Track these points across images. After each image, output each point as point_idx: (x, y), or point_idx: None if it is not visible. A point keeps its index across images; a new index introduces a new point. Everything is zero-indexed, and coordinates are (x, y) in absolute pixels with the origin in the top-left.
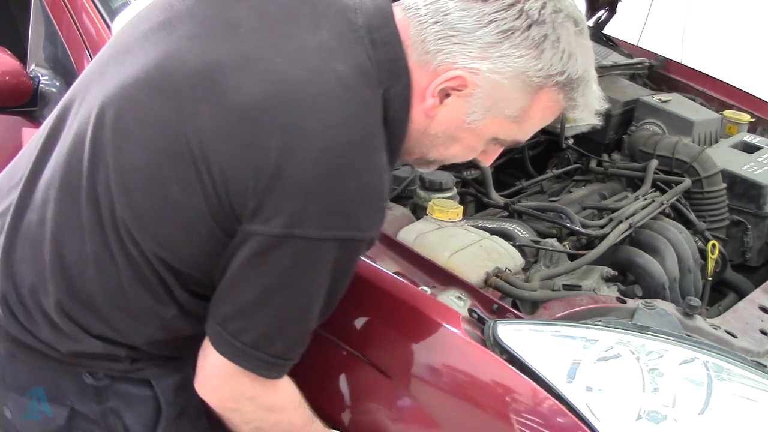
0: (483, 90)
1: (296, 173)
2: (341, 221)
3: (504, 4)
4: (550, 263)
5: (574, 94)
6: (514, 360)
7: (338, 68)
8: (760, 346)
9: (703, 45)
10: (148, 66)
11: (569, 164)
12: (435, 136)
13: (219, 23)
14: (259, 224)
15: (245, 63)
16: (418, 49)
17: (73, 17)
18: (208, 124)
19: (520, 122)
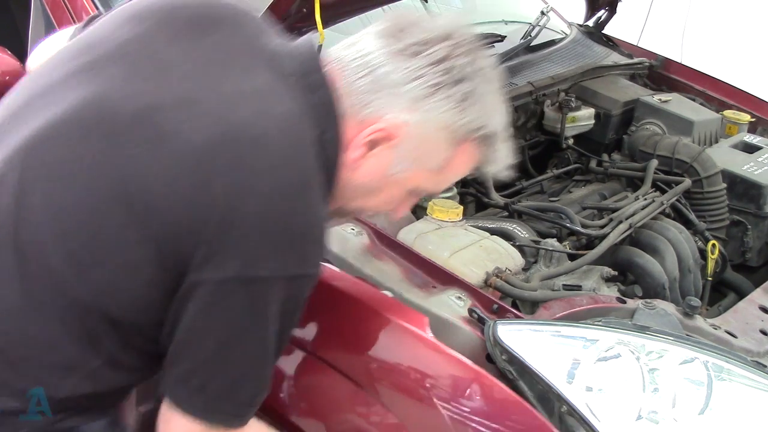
0: (410, 142)
1: (247, 215)
2: (293, 259)
3: (433, 60)
4: (550, 263)
5: (491, 148)
6: (513, 360)
7: (277, 109)
8: (760, 346)
9: (703, 45)
10: (77, 106)
11: (569, 164)
12: (358, 187)
13: (151, 65)
14: (212, 271)
15: (184, 105)
16: (347, 100)
17: (73, 17)
18: (150, 168)
19: (440, 174)
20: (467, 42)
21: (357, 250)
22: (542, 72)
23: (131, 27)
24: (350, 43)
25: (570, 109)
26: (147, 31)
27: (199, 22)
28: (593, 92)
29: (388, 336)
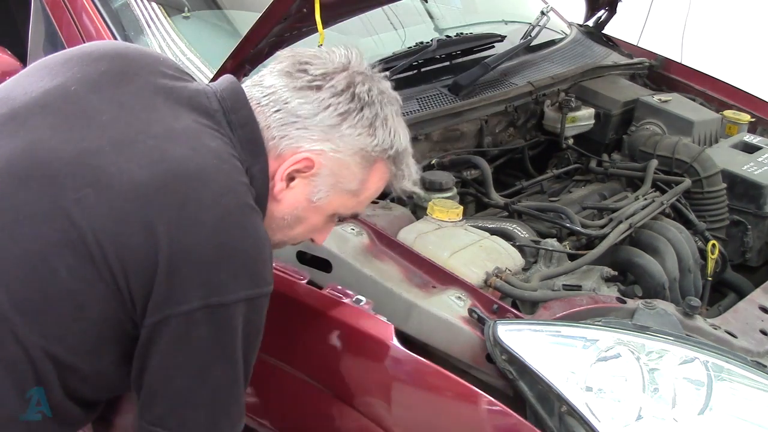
0: (327, 168)
1: (199, 245)
2: (250, 281)
3: (336, 90)
4: (550, 263)
5: (401, 165)
6: (513, 360)
7: (211, 144)
8: (760, 346)
9: (703, 45)
10: (7, 157)
11: (569, 164)
12: (281, 218)
13: (77, 113)
14: (173, 306)
15: (119, 147)
16: (267, 137)
17: (73, 17)
18: (97, 210)
19: (358, 195)
20: (364, 70)
21: (357, 250)
22: (542, 72)
23: (47, 79)
24: (254, 83)
25: (570, 109)
26: (66, 82)
27: (117, 72)
28: (593, 92)
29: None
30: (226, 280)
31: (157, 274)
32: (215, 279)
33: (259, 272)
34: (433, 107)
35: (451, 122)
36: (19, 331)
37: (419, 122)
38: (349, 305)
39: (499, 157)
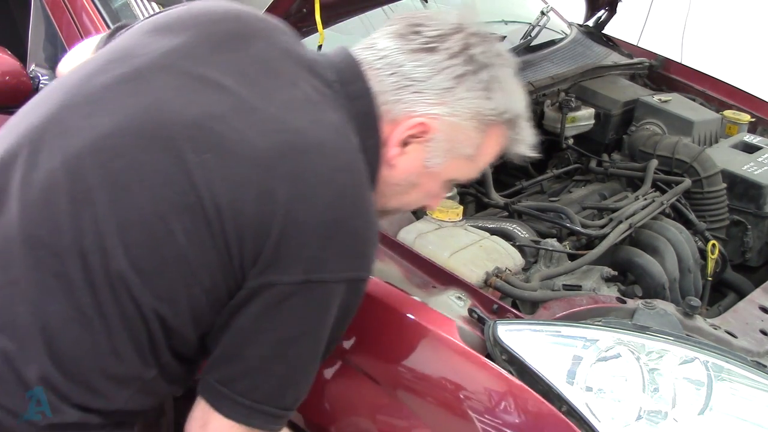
0: (443, 133)
1: (312, 219)
2: (354, 262)
3: (452, 52)
4: (550, 263)
5: (517, 128)
6: (513, 360)
7: (331, 117)
8: (760, 346)
9: (703, 45)
10: (131, 115)
11: (569, 164)
12: (396, 184)
13: (199, 77)
14: (276, 274)
15: (241, 113)
16: (380, 102)
17: (73, 17)
18: (216, 175)
19: (474, 160)
20: (478, 31)
21: None
22: (542, 72)
23: (169, 38)
24: (366, 46)
25: (570, 109)
26: (187, 42)
27: (237, 34)
28: (593, 92)
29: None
30: (331, 258)
31: (267, 241)
32: (321, 255)
33: (365, 255)
34: None
35: None
36: (135, 290)
37: None
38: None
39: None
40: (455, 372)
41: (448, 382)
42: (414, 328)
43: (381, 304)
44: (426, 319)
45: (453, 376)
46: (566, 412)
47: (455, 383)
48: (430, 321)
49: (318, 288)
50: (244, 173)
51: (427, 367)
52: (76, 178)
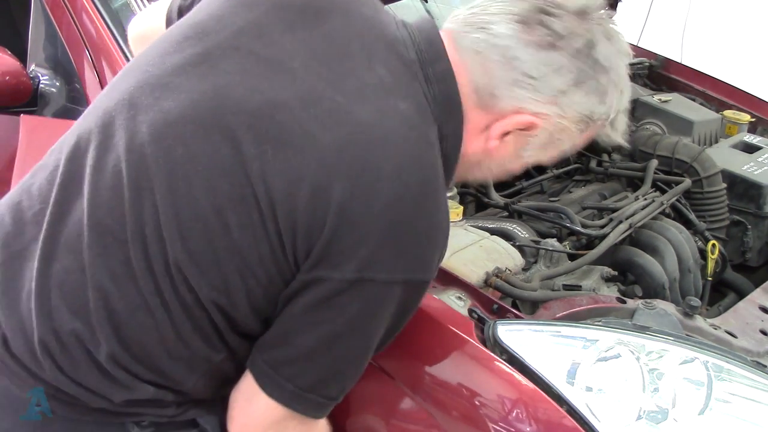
0: (547, 132)
1: (370, 217)
2: (412, 263)
3: (573, 51)
4: (550, 263)
5: (616, 125)
6: (513, 360)
7: (401, 106)
8: (760, 346)
9: (703, 45)
10: (195, 102)
11: (569, 164)
12: (487, 167)
13: (268, 58)
14: (328, 269)
15: (306, 103)
16: (481, 89)
17: (73, 17)
18: (273, 168)
19: (566, 150)
20: (603, 21)
21: None
22: None
23: (242, 14)
24: (479, 25)
25: None
26: (260, 19)
27: (313, 8)
28: None
29: (435, 340)
30: (386, 259)
31: (320, 238)
32: (376, 255)
33: (425, 257)
34: None
35: None
36: (192, 281)
37: None
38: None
39: None
40: (471, 373)
41: (464, 384)
42: (432, 325)
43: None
44: (444, 317)
45: (469, 377)
46: (566, 412)
47: (472, 384)
48: (447, 320)
49: (371, 287)
50: (300, 167)
51: (445, 366)
52: (139, 166)
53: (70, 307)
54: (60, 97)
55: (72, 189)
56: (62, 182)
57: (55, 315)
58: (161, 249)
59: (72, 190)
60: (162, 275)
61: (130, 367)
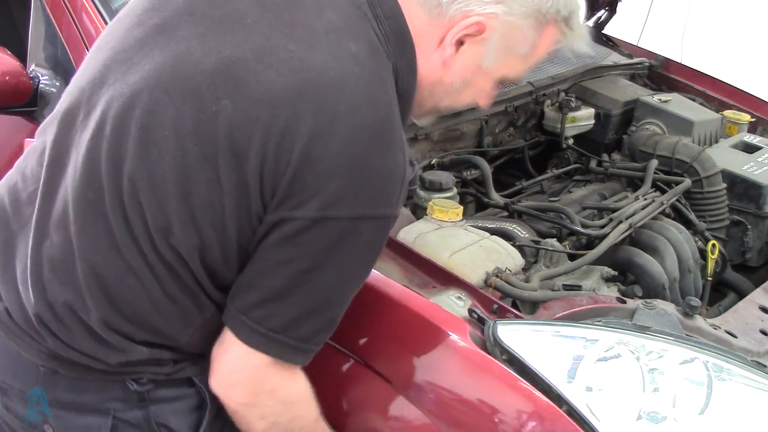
0: (498, 32)
1: (329, 157)
2: (373, 199)
3: None
4: (550, 263)
5: (572, 24)
6: (513, 360)
7: (352, 48)
8: (760, 346)
9: (703, 45)
10: (157, 71)
11: (569, 164)
12: (450, 84)
13: (221, 18)
14: (291, 209)
15: (260, 55)
16: (429, 3)
17: (73, 17)
18: (232, 120)
19: (527, 59)
20: None
21: None
22: (542, 72)
23: None
24: None
25: (570, 109)
26: None
27: None
28: (593, 92)
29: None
30: (347, 196)
31: (283, 178)
32: (337, 193)
33: (385, 192)
34: None
35: (451, 122)
36: (172, 240)
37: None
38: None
39: (499, 157)
40: (466, 377)
41: (461, 387)
42: (426, 328)
43: (394, 304)
44: (438, 319)
45: (464, 382)
46: (566, 412)
47: (468, 388)
48: (442, 322)
49: (334, 224)
50: (260, 117)
51: (440, 371)
52: (113, 138)
53: (61, 279)
54: (60, 97)
55: (58, 168)
56: (49, 162)
57: (48, 288)
58: (140, 215)
59: (58, 169)
60: (144, 240)
61: (123, 330)
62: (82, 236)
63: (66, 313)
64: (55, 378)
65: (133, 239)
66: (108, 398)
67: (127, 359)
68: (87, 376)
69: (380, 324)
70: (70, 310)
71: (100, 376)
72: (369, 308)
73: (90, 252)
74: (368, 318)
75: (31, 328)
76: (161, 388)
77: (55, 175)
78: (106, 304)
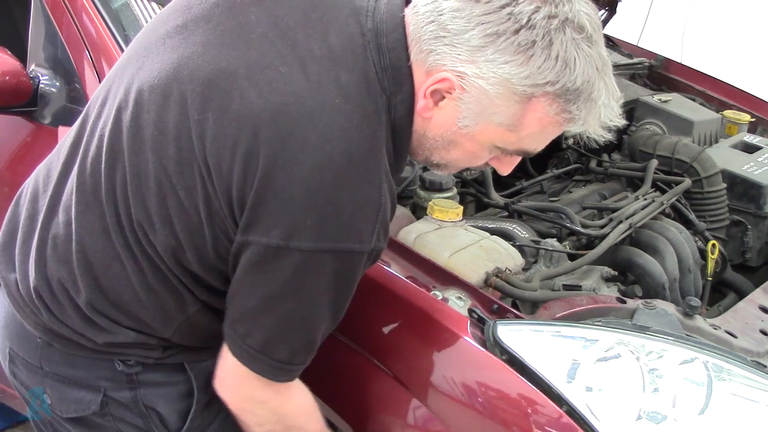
0: (470, 95)
1: (291, 186)
2: (338, 233)
3: (494, 6)
4: (550, 263)
5: (570, 106)
6: (514, 360)
7: (342, 78)
8: (760, 346)
9: (703, 45)
10: (162, 72)
11: (569, 164)
12: (433, 139)
13: (231, 29)
14: (256, 234)
15: (251, 72)
16: (415, 48)
17: (73, 17)
18: (211, 133)
19: (516, 131)
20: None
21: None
22: None
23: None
24: None
25: None
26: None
27: None
28: None
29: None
30: (309, 227)
31: (248, 202)
32: (299, 223)
33: (353, 227)
34: None
35: None
36: (151, 237)
37: None
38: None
39: None
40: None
41: (466, 384)
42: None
43: (410, 308)
44: (446, 319)
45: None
46: (566, 412)
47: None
48: (450, 322)
49: (297, 255)
50: (234, 134)
51: (443, 366)
52: (115, 131)
53: (59, 257)
54: (60, 97)
55: (75, 151)
56: (71, 144)
57: (49, 264)
58: (127, 207)
59: (75, 152)
60: (130, 231)
61: (109, 314)
62: (79, 219)
63: (60, 290)
64: (51, 350)
65: (121, 229)
66: (98, 376)
67: (114, 340)
68: (79, 353)
69: (392, 324)
70: (63, 288)
71: (90, 354)
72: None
73: (84, 234)
74: (381, 318)
75: (30, 300)
76: (150, 372)
77: (72, 158)
78: (94, 286)
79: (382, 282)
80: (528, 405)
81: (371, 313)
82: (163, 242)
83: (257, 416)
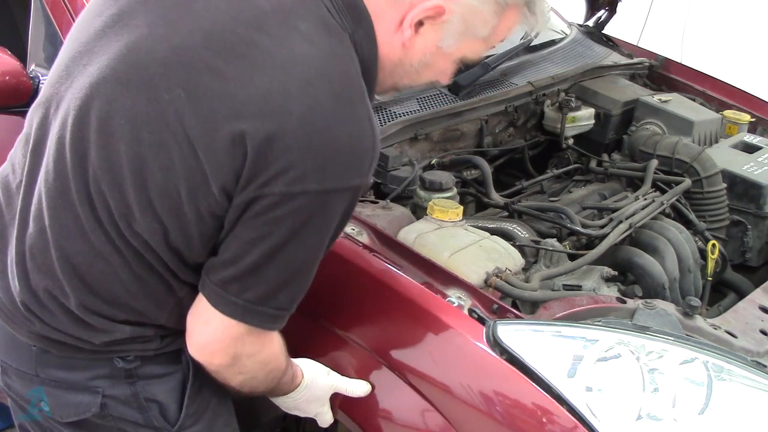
0: (458, 15)
1: (287, 135)
2: (341, 172)
3: None
4: (550, 263)
5: (535, 9)
6: (514, 360)
7: (301, 26)
8: (760, 346)
9: (703, 45)
10: (112, 62)
11: (569, 164)
12: (409, 65)
13: (172, 5)
14: (259, 188)
15: (209, 41)
16: None
17: (73, 17)
18: (188, 108)
19: (487, 40)
20: None
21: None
22: (542, 72)
23: None
24: None
25: (570, 109)
26: None
27: None
28: (593, 92)
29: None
30: (313, 170)
31: (245, 161)
32: (302, 168)
33: (354, 164)
34: (433, 107)
35: (451, 122)
36: (135, 226)
37: (419, 122)
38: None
39: (499, 157)
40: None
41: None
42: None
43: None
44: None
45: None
46: (566, 412)
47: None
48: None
49: (303, 198)
50: (212, 104)
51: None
52: (75, 129)
53: (40, 267)
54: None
55: (36, 160)
56: (30, 154)
57: (31, 276)
58: (104, 202)
59: (36, 160)
60: (110, 226)
61: (103, 312)
62: (53, 225)
63: (48, 298)
64: (47, 357)
65: (100, 226)
66: (95, 376)
67: (111, 339)
68: (77, 355)
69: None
70: (51, 296)
71: (88, 355)
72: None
73: (61, 239)
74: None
75: (19, 313)
76: (149, 365)
77: (35, 167)
78: (82, 288)
79: (398, 289)
80: (544, 415)
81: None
82: (148, 229)
83: (241, 368)
